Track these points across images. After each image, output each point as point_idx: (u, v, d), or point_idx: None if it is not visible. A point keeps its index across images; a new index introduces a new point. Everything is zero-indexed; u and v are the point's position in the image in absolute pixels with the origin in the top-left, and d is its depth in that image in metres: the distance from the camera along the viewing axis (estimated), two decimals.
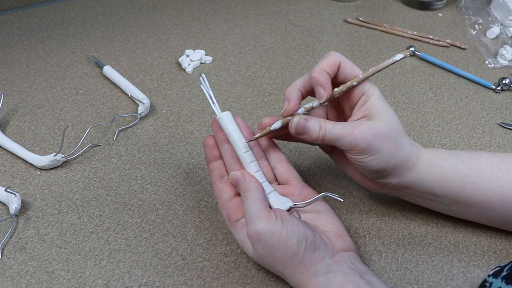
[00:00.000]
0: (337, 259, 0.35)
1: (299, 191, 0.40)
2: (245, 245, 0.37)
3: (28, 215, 0.45)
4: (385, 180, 0.39)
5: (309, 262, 0.34)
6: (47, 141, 0.53)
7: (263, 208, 0.36)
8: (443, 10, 0.81)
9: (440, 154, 0.40)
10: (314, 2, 0.83)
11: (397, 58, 0.38)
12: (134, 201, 0.46)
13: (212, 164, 0.41)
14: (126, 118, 0.56)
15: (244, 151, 0.40)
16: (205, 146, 0.42)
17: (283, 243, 0.34)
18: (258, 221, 0.35)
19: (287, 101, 0.39)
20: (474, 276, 0.40)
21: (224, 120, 0.40)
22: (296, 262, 0.34)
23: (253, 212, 0.35)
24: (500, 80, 0.62)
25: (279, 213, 0.36)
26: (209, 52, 0.68)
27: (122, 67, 0.65)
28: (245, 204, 0.37)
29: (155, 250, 0.42)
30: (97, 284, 0.39)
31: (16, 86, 0.61)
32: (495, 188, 0.38)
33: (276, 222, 0.34)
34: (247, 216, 0.36)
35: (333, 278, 0.33)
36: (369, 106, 0.37)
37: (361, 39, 0.72)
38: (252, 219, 0.35)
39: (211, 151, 0.41)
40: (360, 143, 0.36)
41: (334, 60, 0.38)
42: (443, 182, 0.39)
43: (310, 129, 0.37)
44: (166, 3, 0.81)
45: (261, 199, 0.37)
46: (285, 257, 0.34)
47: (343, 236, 0.37)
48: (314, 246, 0.34)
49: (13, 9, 0.79)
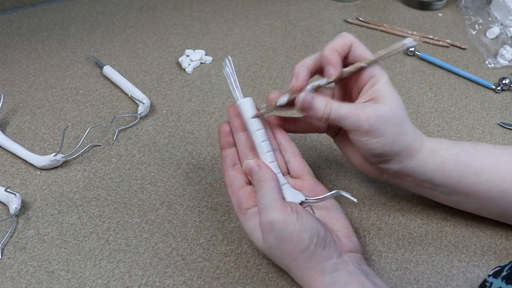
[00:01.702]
0: (344, 259, 0.35)
1: (311, 186, 0.40)
2: (254, 234, 0.37)
3: (28, 215, 0.45)
4: (386, 165, 0.39)
5: (318, 259, 0.34)
6: (47, 141, 0.53)
7: (278, 198, 0.36)
8: (443, 10, 0.81)
9: (442, 144, 0.40)
10: (314, 2, 0.83)
11: (407, 42, 0.37)
12: (134, 201, 0.46)
13: (225, 151, 0.41)
14: (126, 118, 0.56)
15: (262, 140, 0.39)
16: (220, 132, 0.41)
17: (296, 236, 0.34)
18: (273, 211, 0.34)
19: (295, 77, 0.38)
20: (474, 276, 0.40)
21: (245, 106, 0.39)
22: (305, 257, 0.34)
23: (269, 202, 0.35)
24: (500, 80, 0.62)
25: (294, 206, 0.36)
26: (209, 52, 0.68)
27: (122, 67, 0.65)
28: (260, 193, 0.36)
29: (155, 250, 0.42)
30: (97, 284, 0.39)
31: (16, 86, 0.61)
32: (495, 179, 0.38)
33: (291, 214, 0.34)
34: (261, 205, 0.36)
35: (338, 277, 0.34)
36: (376, 89, 0.37)
37: (361, 39, 0.72)
38: (267, 208, 0.35)
39: (226, 137, 0.41)
40: (364, 124, 0.36)
41: (345, 40, 0.38)
42: (443, 172, 0.39)
43: (316, 106, 0.37)
44: (166, 3, 0.81)
45: (276, 190, 0.36)
46: (296, 251, 0.34)
47: (351, 237, 0.37)
48: (324, 243, 0.34)
49: (13, 9, 0.79)
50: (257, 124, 0.40)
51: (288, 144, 0.42)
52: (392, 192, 0.47)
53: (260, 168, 0.38)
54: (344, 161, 0.50)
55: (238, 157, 0.41)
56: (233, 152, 0.41)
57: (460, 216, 0.45)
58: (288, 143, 0.42)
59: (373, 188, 0.47)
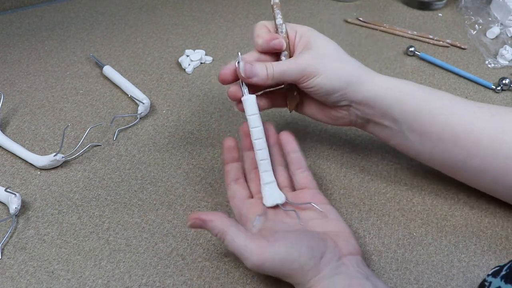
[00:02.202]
0: (343, 262, 0.35)
1: (311, 197, 0.41)
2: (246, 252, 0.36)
3: (28, 215, 0.45)
4: (344, 101, 0.41)
5: (316, 269, 0.34)
6: (47, 141, 0.53)
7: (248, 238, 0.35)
8: (443, 10, 0.81)
9: (401, 81, 0.42)
10: (314, 2, 0.83)
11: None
12: (134, 201, 0.46)
13: (229, 165, 0.42)
14: (126, 118, 0.56)
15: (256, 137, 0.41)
16: (224, 147, 0.42)
17: (287, 261, 0.34)
18: (251, 255, 0.34)
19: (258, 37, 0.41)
20: (474, 276, 0.40)
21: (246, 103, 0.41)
22: (304, 271, 0.34)
23: (240, 249, 0.34)
24: (500, 80, 0.62)
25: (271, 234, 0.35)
26: (209, 52, 0.68)
27: (122, 67, 0.65)
28: (228, 246, 0.35)
29: (155, 250, 0.42)
30: (97, 284, 0.39)
31: (16, 86, 0.61)
32: (449, 122, 0.40)
33: (270, 245, 0.34)
34: (237, 254, 0.35)
35: (338, 280, 0.34)
36: (305, 40, 0.42)
37: (361, 39, 0.72)
38: (244, 256, 0.34)
39: (231, 153, 0.42)
40: (306, 68, 0.39)
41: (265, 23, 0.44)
42: (401, 104, 0.40)
43: (258, 71, 0.40)
44: (166, 3, 0.81)
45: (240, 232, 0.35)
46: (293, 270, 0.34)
47: (350, 239, 0.37)
48: (320, 253, 0.34)
49: (13, 9, 0.79)
50: (254, 122, 0.41)
51: (295, 156, 0.42)
52: (392, 192, 0.47)
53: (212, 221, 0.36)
54: (344, 161, 0.50)
55: (241, 172, 0.42)
56: (236, 167, 0.42)
57: (460, 216, 0.45)
58: (295, 154, 0.42)
59: (373, 188, 0.47)
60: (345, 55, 0.42)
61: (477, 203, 0.46)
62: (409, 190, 0.47)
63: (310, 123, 0.55)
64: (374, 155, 0.51)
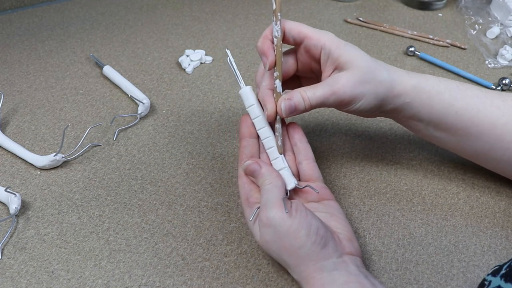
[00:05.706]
0: (344, 260, 0.35)
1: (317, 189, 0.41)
2: (255, 228, 0.38)
3: (28, 215, 0.45)
4: (379, 111, 0.42)
5: (316, 257, 0.34)
6: (47, 141, 0.53)
7: (281, 197, 0.36)
8: (443, 10, 0.81)
9: (428, 81, 0.42)
10: (314, 2, 0.83)
11: None
12: (134, 201, 0.46)
13: (245, 140, 0.42)
14: (126, 118, 0.56)
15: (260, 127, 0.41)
16: (241, 122, 0.42)
17: (292, 233, 0.34)
18: (273, 208, 0.35)
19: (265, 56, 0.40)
20: (474, 276, 0.40)
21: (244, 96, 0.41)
22: (302, 255, 0.34)
23: (270, 198, 0.36)
24: (500, 80, 0.62)
25: (295, 204, 0.36)
26: (209, 52, 0.68)
27: (122, 67, 0.65)
28: (264, 189, 0.37)
29: (155, 250, 0.42)
30: (97, 284, 0.39)
31: (16, 86, 0.61)
32: (474, 120, 0.41)
33: (290, 211, 0.35)
34: (263, 200, 0.36)
35: (338, 276, 0.34)
36: (334, 57, 0.39)
37: (361, 39, 0.72)
38: (268, 205, 0.36)
39: (248, 127, 0.42)
40: (344, 97, 0.38)
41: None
42: (429, 108, 0.41)
43: (297, 105, 0.39)
44: (166, 3, 0.81)
45: (281, 188, 0.37)
46: (292, 248, 0.34)
47: (352, 240, 0.38)
48: (324, 243, 0.35)
49: (13, 9, 0.79)
50: (254, 112, 0.41)
51: (303, 145, 0.43)
52: (392, 192, 0.47)
53: (262, 167, 0.39)
54: (344, 161, 0.51)
55: (256, 150, 0.42)
56: (253, 144, 0.42)
57: (460, 216, 0.45)
58: (303, 145, 0.43)
59: (373, 188, 0.47)
60: (376, 70, 0.40)
61: (477, 203, 0.46)
62: (409, 190, 0.47)
63: (310, 123, 0.56)
64: (374, 155, 0.51)
